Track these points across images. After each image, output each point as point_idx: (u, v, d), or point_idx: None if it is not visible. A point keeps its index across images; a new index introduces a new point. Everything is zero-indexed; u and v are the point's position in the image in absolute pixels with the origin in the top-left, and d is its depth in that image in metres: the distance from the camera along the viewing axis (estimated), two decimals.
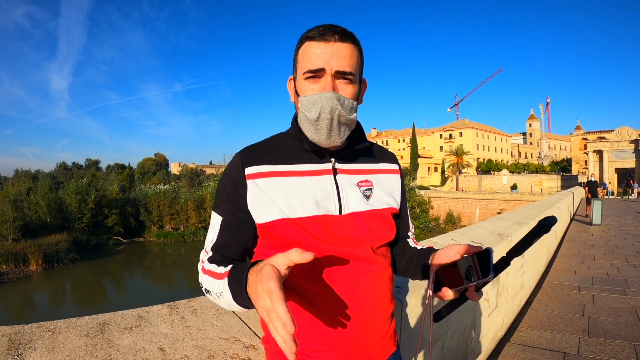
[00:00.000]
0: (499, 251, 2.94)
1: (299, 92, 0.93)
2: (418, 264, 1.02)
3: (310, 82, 0.90)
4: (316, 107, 0.88)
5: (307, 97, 0.89)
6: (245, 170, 0.92)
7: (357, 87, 0.94)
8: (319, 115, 0.87)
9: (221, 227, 0.93)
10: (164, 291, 27.21)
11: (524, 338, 3.32)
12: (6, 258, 29.97)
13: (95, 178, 51.66)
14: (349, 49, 0.90)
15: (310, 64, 0.88)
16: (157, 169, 76.50)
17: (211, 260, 0.91)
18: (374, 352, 0.95)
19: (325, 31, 0.88)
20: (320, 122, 0.88)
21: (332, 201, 0.93)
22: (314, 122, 0.89)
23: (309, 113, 0.89)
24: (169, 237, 43.71)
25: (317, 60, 0.88)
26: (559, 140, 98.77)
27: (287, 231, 0.89)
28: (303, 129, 0.93)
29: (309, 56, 0.89)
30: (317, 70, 0.88)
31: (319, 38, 0.88)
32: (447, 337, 2.14)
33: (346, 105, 0.90)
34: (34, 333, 1.05)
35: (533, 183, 57.04)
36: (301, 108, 0.91)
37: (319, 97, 0.87)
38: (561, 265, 6.17)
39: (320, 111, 0.87)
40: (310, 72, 0.89)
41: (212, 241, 0.94)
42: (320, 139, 0.91)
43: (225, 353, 1.12)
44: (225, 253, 0.93)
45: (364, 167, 1.03)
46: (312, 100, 0.88)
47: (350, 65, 0.90)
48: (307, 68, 0.89)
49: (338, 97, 0.88)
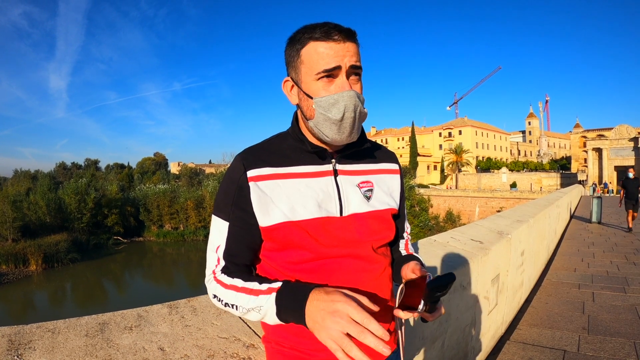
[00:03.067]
0: (499, 250, 2.94)
1: (311, 93, 0.90)
2: (396, 273, 1.04)
3: (325, 82, 0.88)
4: (338, 106, 0.87)
5: (325, 97, 0.87)
6: (247, 173, 0.92)
7: (362, 83, 0.95)
8: (343, 114, 0.87)
9: (229, 233, 0.93)
10: (163, 291, 27.23)
11: (524, 336, 3.32)
12: (6, 258, 29.96)
13: (94, 178, 51.55)
14: (355, 46, 0.90)
15: (324, 63, 0.87)
16: (156, 169, 76.49)
17: (226, 272, 0.92)
18: (374, 350, 0.95)
19: (330, 30, 0.87)
20: (345, 121, 0.88)
21: (333, 203, 0.94)
22: (338, 122, 0.88)
23: (331, 114, 0.87)
24: (168, 237, 43.73)
25: (331, 60, 0.87)
26: (559, 138, 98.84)
27: (289, 234, 0.89)
28: (323, 129, 0.91)
29: (320, 56, 0.87)
30: (333, 69, 0.87)
31: (326, 38, 0.87)
32: (447, 335, 2.14)
33: (363, 102, 0.91)
34: (34, 333, 1.04)
35: (532, 181, 57.10)
36: (319, 110, 0.89)
37: (340, 97, 0.86)
38: (561, 263, 6.18)
39: (345, 110, 0.86)
40: (325, 72, 0.87)
41: (221, 248, 0.93)
42: (342, 137, 0.90)
43: (225, 352, 1.12)
44: (237, 260, 0.93)
45: (365, 167, 1.03)
46: (331, 100, 0.87)
47: (359, 61, 0.91)
48: (323, 68, 0.87)
49: (358, 95, 0.88)
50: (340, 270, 0.91)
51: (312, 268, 0.90)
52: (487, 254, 2.63)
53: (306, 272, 0.90)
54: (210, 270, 0.94)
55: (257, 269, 1.00)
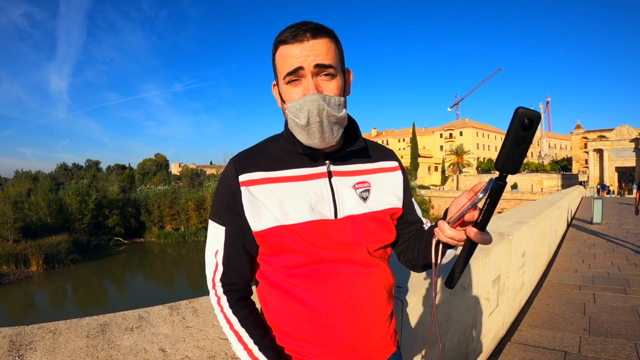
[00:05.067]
0: (500, 252, 2.94)
1: (284, 98, 0.91)
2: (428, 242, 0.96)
3: (292, 85, 0.88)
4: (303, 112, 0.85)
5: (292, 103, 0.87)
6: (239, 178, 0.91)
7: (341, 80, 0.91)
8: (307, 120, 0.85)
9: (226, 238, 0.93)
10: (164, 292, 27.20)
11: (525, 337, 3.32)
12: (7, 259, 29.96)
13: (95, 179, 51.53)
14: (324, 43, 0.87)
15: (287, 66, 0.86)
16: (157, 170, 76.49)
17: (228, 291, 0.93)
18: (373, 353, 0.95)
19: (296, 31, 0.86)
20: (311, 126, 0.86)
21: (327, 205, 0.92)
22: (305, 128, 0.86)
23: (298, 119, 0.87)
24: (169, 238, 43.70)
25: (294, 61, 0.86)
26: (559, 139, 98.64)
27: (281, 238, 0.88)
28: (296, 134, 0.91)
29: (285, 59, 0.87)
30: (296, 70, 0.86)
31: (292, 40, 0.86)
32: (448, 336, 2.14)
33: (333, 103, 0.87)
34: (35, 334, 1.04)
35: (533, 182, 56.96)
36: (289, 115, 0.89)
37: (304, 102, 0.85)
38: (562, 264, 6.17)
39: (309, 115, 0.84)
40: (290, 75, 0.86)
41: (220, 254, 0.93)
42: (314, 142, 0.88)
43: (226, 354, 1.12)
44: (235, 264, 0.93)
45: (361, 167, 1.01)
46: (297, 105, 0.86)
47: (330, 59, 0.87)
48: (286, 71, 0.87)
49: (323, 97, 0.85)
50: (336, 275, 0.90)
51: (306, 273, 0.89)
52: (488, 255, 2.63)
53: (301, 277, 0.89)
54: (210, 276, 0.95)
55: (257, 274, 0.99)
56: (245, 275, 0.96)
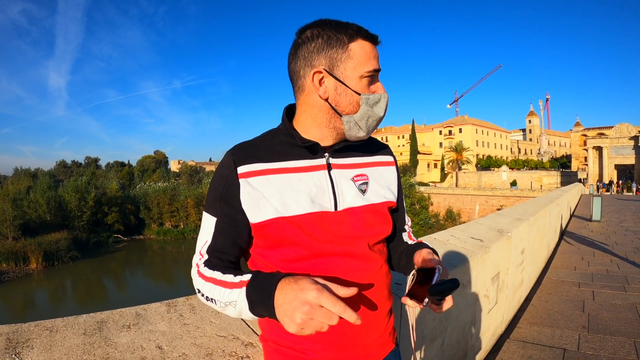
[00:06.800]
0: (499, 249, 2.94)
1: (359, 89, 0.91)
2: (407, 261, 1.03)
3: (369, 81, 0.92)
4: (381, 104, 0.93)
5: (373, 95, 0.92)
6: (237, 169, 0.90)
7: None
8: (384, 112, 0.94)
9: (215, 229, 0.91)
10: (164, 289, 27.29)
11: (523, 334, 3.32)
12: (6, 257, 30.03)
13: (94, 176, 51.61)
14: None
15: (372, 63, 0.92)
16: (156, 167, 76.49)
17: (209, 265, 0.89)
18: (372, 349, 0.95)
19: (372, 34, 0.93)
20: (381, 118, 0.95)
21: (327, 197, 0.92)
22: (378, 120, 0.94)
23: (378, 110, 0.93)
24: (168, 235, 43.82)
25: (376, 61, 0.93)
26: (559, 137, 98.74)
27: (281, 230, 0.87)
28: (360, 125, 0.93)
29: (368, 56, 0.91)
30: (378, 71, 0.93)
31: (372, 39, 0.93)
32: (447, 333, 2.13)
33: None
34: (32, 332, 1.04)
35: (533, 179, 57.05)
36: (365, 106, 0.91)
37: (383, 96, 0.93)
38: (561, 261, 6.17)
39: (385, 108, 0.94)
40: (375, 72, 0.92)
41: (207, 243, 0.92)
42: (366, 134, 0.95)
43: (223, 351, 1.11)
44: (222, 256, 0.92)
45: (359, 160, 1.01)
46: (377, 98, 0.92)
47: None
48: (373, 67, 0.91)
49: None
50: (336, 269, 0.89)
51: (306, 266, 0.88)
52: (487, 252, 2.62)
53: (300, 271, 0.88)
54: (195, 264, 0.93)
55: (253, 268, 0.98)
56: (231, 266, 0.94)
